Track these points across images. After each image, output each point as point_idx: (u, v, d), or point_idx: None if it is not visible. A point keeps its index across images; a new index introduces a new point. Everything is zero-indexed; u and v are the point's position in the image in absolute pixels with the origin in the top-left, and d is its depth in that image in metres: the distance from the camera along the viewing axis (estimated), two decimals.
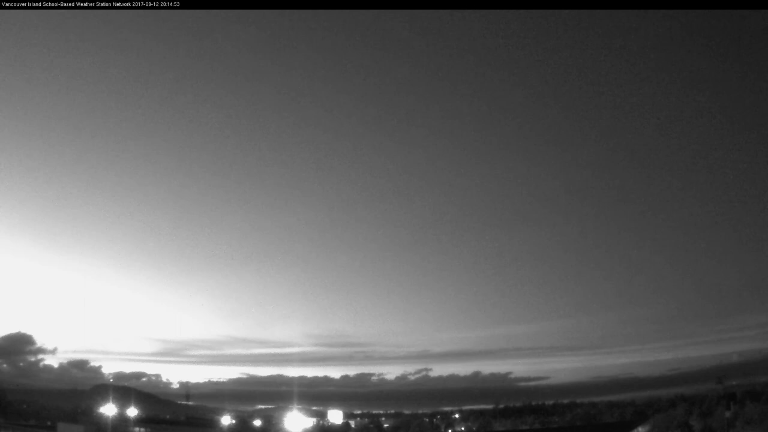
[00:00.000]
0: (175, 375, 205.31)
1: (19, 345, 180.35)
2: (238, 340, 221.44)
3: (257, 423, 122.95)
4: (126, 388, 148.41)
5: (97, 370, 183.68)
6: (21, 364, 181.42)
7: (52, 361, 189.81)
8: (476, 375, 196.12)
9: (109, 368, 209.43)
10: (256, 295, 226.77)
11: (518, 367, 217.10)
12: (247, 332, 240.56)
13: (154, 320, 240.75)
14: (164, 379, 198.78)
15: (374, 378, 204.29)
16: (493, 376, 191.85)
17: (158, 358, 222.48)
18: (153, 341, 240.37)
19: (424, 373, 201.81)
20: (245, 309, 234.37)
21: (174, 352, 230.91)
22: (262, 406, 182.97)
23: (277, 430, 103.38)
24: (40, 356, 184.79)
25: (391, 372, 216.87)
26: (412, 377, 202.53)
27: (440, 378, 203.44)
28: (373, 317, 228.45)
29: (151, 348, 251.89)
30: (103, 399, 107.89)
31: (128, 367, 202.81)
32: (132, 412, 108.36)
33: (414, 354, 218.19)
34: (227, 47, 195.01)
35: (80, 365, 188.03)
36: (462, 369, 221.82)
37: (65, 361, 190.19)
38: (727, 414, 74.28)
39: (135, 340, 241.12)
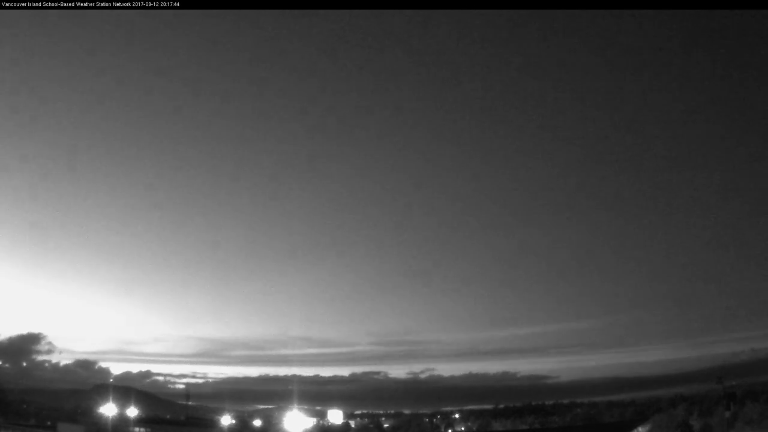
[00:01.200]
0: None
1: (25, 345, 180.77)
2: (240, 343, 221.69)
3: (257, 423, 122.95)
4: (126, 388, 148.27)
5: (104, 371, 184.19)
6: (25, 364, 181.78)
7: (56, 362, 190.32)
8: (482, 375, 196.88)
9: (133, 368, 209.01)
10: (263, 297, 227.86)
11: (525, 367, 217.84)
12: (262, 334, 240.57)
13: (197, 320, 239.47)
14: (167, 379, 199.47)
15: (378, 377, 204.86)
16: (500, 375, 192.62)
17: (200, 359, 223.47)
18: (196, 341, 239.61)
19: (428, 372, 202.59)
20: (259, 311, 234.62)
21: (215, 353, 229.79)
22: (262, 406, 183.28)
23: (276, 430, 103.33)
24: (46, 357, 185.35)
25: (395, 371, 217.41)
26: (418, 376, 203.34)
27: (444, 377, 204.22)
28: (382, 316, 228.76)
29: (191, 348, 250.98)
30: (104, 399, 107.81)
31: (164, 369, 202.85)
32: (132, 412, 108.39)
33: (418, 353, 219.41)
34: (228, 49, 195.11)
35: (85, 365, 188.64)
36: (467, 368, 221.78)
37: (70, 362, 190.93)
38: (727, 414, 74.29)
39: (178, 340, 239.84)
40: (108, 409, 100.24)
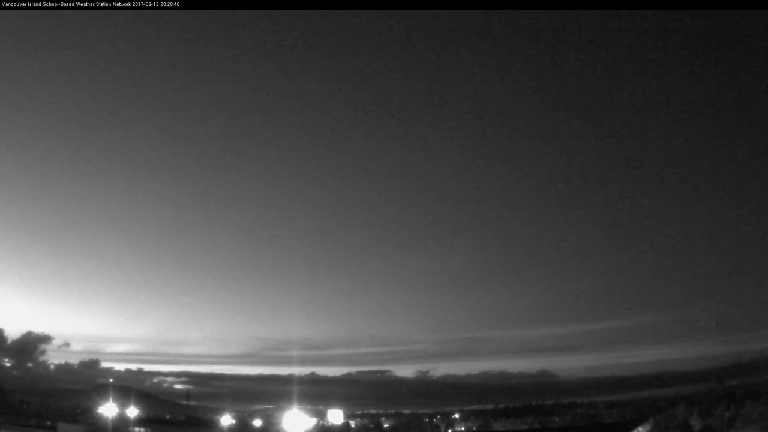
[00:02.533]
0: None
1: (29, 345, 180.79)
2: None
3: (257, 423, 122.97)
4: (126, 388, 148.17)
5: (104, 371, 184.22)
6: (30, 364, 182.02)
7: (58, 361, 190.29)
8: (484, 374, 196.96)
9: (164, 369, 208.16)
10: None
11: (526, 367, 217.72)
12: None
13: (247, 320, 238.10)
14: (166, 379, 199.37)
15: (380, 376, 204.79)
16: (501, 375, 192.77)
17: (244, 359, 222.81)
18: (244, 342, 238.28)
19: (431, 372, 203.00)
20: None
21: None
22: (262, 406, 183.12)
23: (276, 430, 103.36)
24: (48, 357, 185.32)
25: (400, 371, 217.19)
26: (428, 375, 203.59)
27: (446, 377, 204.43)
28: (389, 316, 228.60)
29: (236, 349, 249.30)
30: (103, 399, 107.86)
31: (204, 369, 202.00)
32: (132, 412, 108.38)
33: (420, 353, 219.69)
34: (227, 49, 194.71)
35: (86, 365, 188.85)
36: (469, 368, 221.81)
37: (71, 362, 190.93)
38: (727, 414, 74.42)
39: (231, 340, 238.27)
40: (108, 409, 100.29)
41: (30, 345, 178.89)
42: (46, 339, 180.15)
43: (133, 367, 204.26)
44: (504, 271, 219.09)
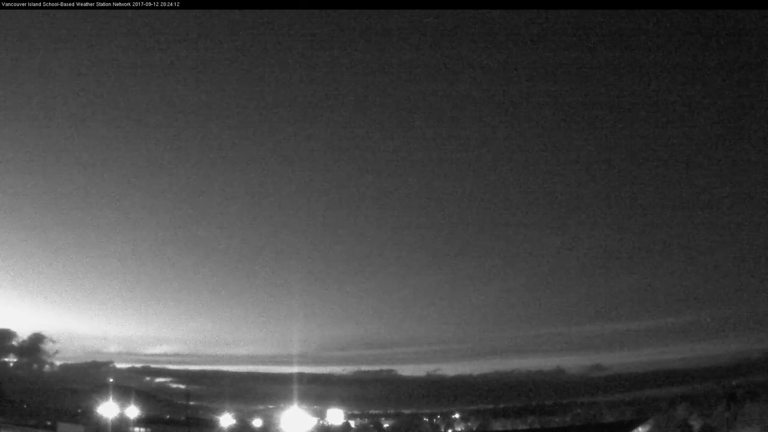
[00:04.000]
0: None
1: (32, 345, 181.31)
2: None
3: (257, 423, 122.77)
4: (126, 388, 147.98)
5: (104, 371, 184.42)
6: (35, 365, 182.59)
7: (59, 362, 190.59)
8: (485, 374, 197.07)
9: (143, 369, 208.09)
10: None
11: (526, 366, 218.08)
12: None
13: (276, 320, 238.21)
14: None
15: (385, 375, 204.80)
16: (501, 374, 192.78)
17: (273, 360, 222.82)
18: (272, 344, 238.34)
19: (439, 371, 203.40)
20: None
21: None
22: (262, 407, 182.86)
23: (277, 429, 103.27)
24: (49, 357, 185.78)
25: (407, 370, 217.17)
26: (424, 375, 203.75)
27: (459, 376, 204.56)
28: (395, 316, 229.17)
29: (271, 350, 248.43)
30: (103, 399, 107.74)
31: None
32: (132, 412, 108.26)
33: (422, 353, 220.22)
34: (227, 49, 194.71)
35: (87, 366, 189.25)
36: (471, 368, 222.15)
37: (71, 362, 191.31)
38: (727, 414, 74.38)
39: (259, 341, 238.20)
40: (108, 409, 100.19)
41: (35, 346, 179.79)
42: (51, 340, 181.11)
43: (138, 365, 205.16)
44: (515, 275, 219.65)
